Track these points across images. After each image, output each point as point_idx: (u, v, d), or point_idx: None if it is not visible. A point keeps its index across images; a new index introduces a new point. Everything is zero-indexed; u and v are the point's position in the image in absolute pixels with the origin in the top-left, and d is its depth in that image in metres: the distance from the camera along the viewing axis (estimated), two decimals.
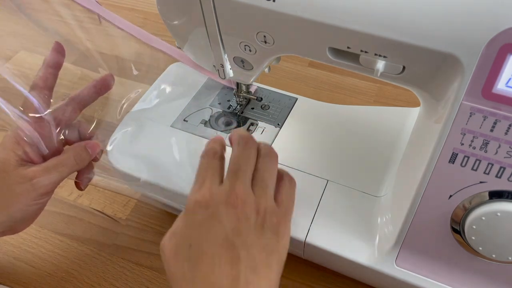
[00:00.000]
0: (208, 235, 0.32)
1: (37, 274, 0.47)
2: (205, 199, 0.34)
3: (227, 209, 0.33)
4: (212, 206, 0.33)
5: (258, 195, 0.34)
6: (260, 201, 0.34)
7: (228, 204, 0.33)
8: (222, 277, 0.31)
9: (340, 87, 0.65)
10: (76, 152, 0.41)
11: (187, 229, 0.33)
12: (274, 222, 0.34)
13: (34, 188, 0.37)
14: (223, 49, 0.38)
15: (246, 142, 0.37)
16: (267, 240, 0.33)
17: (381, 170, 0.43)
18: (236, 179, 0.34)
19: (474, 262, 0.34)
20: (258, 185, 0.35)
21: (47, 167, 0.38)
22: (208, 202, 0.33)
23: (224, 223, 0.32)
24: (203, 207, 0.33)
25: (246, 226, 0.33)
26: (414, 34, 0.26)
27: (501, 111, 0.26)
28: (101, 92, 0.45)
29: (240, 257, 0.31)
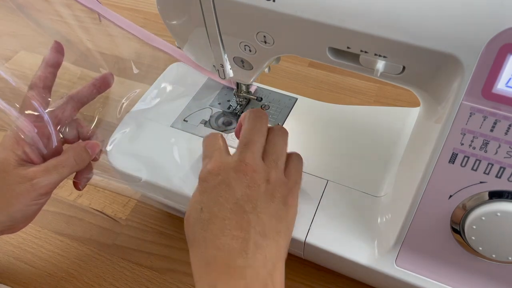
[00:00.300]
0: (219, 199, 0.33)
1: (37, 274, 0.47)
2: (216, 167, 0.35)
3: (238, 175, 0.34)
4: (223, 173, 0.34)
5: (269, 165, 0.36)
6: (271, 171, 0.35)
7: (238, 171, 0.34)
8: (232, 239, 0.31)
9: (340, 87, 0.65)
10: (76, 152, 0.41)
11: (199, 195, 0.35)
12: (283, 192, 0.35)
13: (34, 188, 0.37)
14: (223, 49, 0.38)
15: (258, 116, 0.39)
16: (277, 208, 0.34)
17: (381, 170, 0.43)
18: (247, 150, 0.36)
19: (474, 262, 0.34)
20: (269, 157, 0.36)
21: (47, 168, 0.38)
22: (219, 169, 0.35)
23: (235, 188, 0.33)
24: (214, 174, 0.35)
25: (256, 192, 0.34)
26: (414, 34, 0.26)
27: (501, 111, 0.26)
28: (101, 91, 0.45)
29: (250, 221, 0.32)
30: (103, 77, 0.45)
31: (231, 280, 0.30)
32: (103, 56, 0.47)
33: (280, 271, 0.33)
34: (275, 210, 0.34)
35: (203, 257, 0.32)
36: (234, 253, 0.31)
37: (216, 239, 0.32)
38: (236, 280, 0.30)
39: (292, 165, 0.38)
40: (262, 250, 0.32)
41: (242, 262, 0.31)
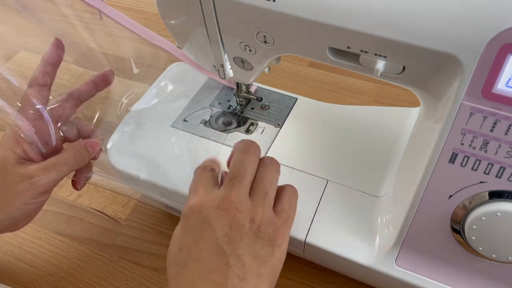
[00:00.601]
0: (199, 239, 0.32)
1: (37, 274, 0.47)
2: (199, 204, 0.33)
3: (219, 214, 0.32)
4: (205, 211, 0.33)
5: (255, 203, 0.34)
6: (257, 210, 0.33)
7: (221, 209, 0.32)
8: (208, 282, 0.30)
9: (340, 87, 0.65)
10: (76, 151, 0.41)
11: (180, 233, 0.33)
12: (270, 232, 0.33)
13: (33, 186, 0.37)
14: (223, 49, 0.38)
15: (248, 148, 0.37)
16: (261, 249, 0.32)
17: (381, 170, 0.43)
18: (232, 185, 0.34)
19: (474, 262, 0.34)
20: (257, 193, 0.34)
21: (46, 166, 0.38)
22: (201, 207, 0.33)
23: (216, 228, 0.32)
24: (196, 212, 0.33)
25: (239, 233, 0.32)
26: (414, 34, 0.26)
27: (501, 111, 0.26)
28: (101, 88, 0.45)
29: (229, 264, 0.31)
30: (103, 74, 0.45)
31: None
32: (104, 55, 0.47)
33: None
34: (258, 252, 0.32)
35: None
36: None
37: (193, 283, 0.30)
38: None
39: (285, 199, 0.36)
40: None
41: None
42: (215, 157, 0.39)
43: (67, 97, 0.43)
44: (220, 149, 0.46)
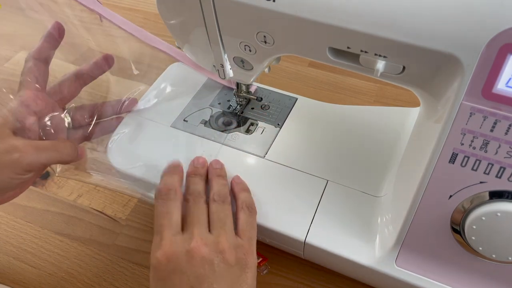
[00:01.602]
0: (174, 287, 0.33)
1: (37, 274, 0.47)
2: (166, 254, 0.34)
3: (188, 259, 0.34)
4: (174, 260, 0.34)
5: (217, 234, 0.36)
6: (221, 240, 0.35)
7: (188, 255, 0.34)
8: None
9: (340, 87, 0.65)
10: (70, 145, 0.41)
11: (154, 284, 0.34)
12: (240, 256, 0.35)
13: (20, 161, 0.36)
14: (223, 49, 0.38)
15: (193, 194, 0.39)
16: (235, 275, 0.34)
17: (381, 170, 0.43)
18: (193, 228, 0.36)
19: (474, 262, 0.34)
20: (216, 226, 0.36)
21: (38, 145, 0.38)
22: (169, 257, 0.34)
23: (188, 273, 0.33)
24: (164, 263, 0.34)
25: (211, 269, 0.33)
26: (414, 34, 0.26)
27: (501, 111, 0.26)
28: (102, 69, 0.46)
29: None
30: (105, 57, 0.45)
31: None
32: None
33: None
34: (233, 278, 0.34)
35: None
36: None
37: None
38: None
39: (243, 221, 0.38)
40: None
41: None
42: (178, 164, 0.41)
43: (69, 76, 0.43)
44: (220, 149, 0.46)
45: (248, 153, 0.45)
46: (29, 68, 0.40)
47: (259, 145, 0.46)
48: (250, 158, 0.45)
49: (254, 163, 0.45)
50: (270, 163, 0.44)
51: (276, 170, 0.44)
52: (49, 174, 0.56)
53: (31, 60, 0.41)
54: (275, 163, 0.44)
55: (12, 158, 0.36)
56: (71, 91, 0.43)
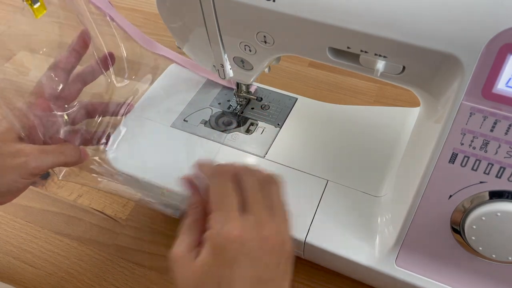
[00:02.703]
0: (240, 273, 0.31)
1: (37, 274, 0.47)
2: (236, 234, 0.32)
3: (261, 245, 0.32)
4: (247, 243, 0.32)
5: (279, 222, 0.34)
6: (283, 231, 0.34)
7: (260, 240, 0.32)
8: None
9: (340, 87, 0.65)
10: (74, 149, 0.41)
11: (216, 266, 0.31)
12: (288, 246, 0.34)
13: (26, 165, 0.37)
14: (223, 49, 0.38)
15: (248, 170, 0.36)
16: (285, 261, 0.33)
17: (381, 170, 0.43)
18: (260, 210, 0.33)
19: (474, 262, 0.34)
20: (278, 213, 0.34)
21: (44, 149, 0.38)
22: (241, 239, 0.32)
23: (256, 261, 0.31)
24: (235, 242, 0.31)
25: (274, 260, 0.32)
26: (414, 34, 0.26)
27: (501, 111, 0.26)
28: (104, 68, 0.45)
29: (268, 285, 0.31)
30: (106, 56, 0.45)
31: None
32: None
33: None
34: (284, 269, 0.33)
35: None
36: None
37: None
38: None
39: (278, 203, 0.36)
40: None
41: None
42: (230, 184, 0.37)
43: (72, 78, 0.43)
44: (220, 149, 0.46)
45: (248, 153, 0.45)
46: (50, 76, 0.41)
47: (259, 145, 0.46)
48: (250, 158, 0.45)
49: (254, 163, 0.45)
50: (270, 163, 0.44)
51: (276, 170, 0.44)
52: (49, 174, 0.56)
53: (54, 70, 0.41)
54: (275, 163, 0.44)
55: (19, 162, 0.37)
56: (73, 92, 0.43)
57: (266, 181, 0.36)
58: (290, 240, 0.34)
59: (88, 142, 0.46)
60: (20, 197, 0.41)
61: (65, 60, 0.41)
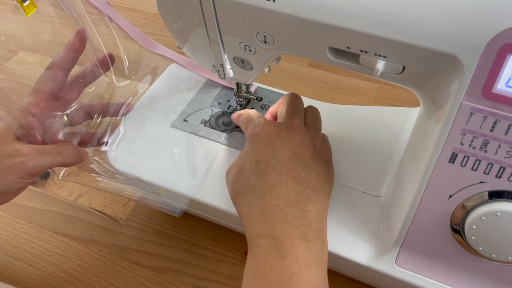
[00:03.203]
0: (275, 152, 0.36)
1: (37, 274, 0.47)
2: (269, 125, 0.38)
3: (290, 133, 0.37)
4: (277, 130, 0.37)
5: (312, 133, 0.39)
6: (314, 138, 0.38)
7: (291, 131, 0.37)
8: (288, 190, 0.34)
9: (340, 87, 0.65)
10: (72, 147, 0.41)
11: (253, 149, 0.37)
12: (326, 156, 0.39)
13: (24, 166, 0.37)
14: (223, 49, 0.38)
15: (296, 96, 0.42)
16: (322, 169, 0.37)
17: (381, 170, 0.43)
18: (294, 117, 0.39)
19: (474, 262, 0.34)
20: (312, 127, 0.40)
21: (42, 149, 0.38)
22: (273, 127, 0.38)
23: (289, 145, 0.36)
24: (269, 130, 0.37)
25: (307, 152, 0.36)
26: (414, 34, 0.26)
27: (501, 111, 0.26)
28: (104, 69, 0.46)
29: (303, 176, 0.35)
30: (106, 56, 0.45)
31: (288, 228, 0.32)
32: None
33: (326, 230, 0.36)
34: (320, 171, 0.36)
35: (260, 205, 0.34)
36: (290, 203, 0.33)
37: (273, 189, 0.34)
38: (292, 228, 0.32)
39: (325, 141, 0.42)
40: (313, 203, 0.34)
41: (298, 213, 0.33)
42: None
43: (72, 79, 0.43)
44: (220, 149, 0.46)
45: None
46: (48, 76, 0.41)
47: None
48: None
49: None
50: None
51: None
52: (49, 174, 0.56)
53: (52, 69, 0.41)
54: None
55: (16, 162, 0.37)
56: (73, 93, 0.44)
57: None
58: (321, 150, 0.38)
59: (88, 142, 0.46)
60: (20, 197, 0.41)
61: (62, 59, 0.41)
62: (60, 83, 0.41)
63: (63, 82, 0.42)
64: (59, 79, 0.41)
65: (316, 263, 0.32)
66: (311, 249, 0.32)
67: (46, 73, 0.41)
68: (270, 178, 0.34)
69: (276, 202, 0.33)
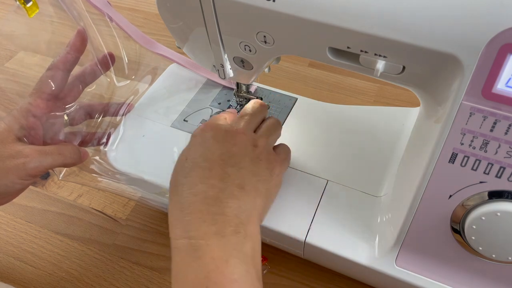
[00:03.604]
0: (205, 151, 0.35)
1: (37, 274, 0.47)
2: (209, 125, 0.37)
3: (227, 134, 0.36)
4: (214, 130, 0.37)
5: (259, 135, 0.38)
6: (259, 139, 0.38)
7: (228, 131, 0.37)
8: (209, 187, 0.33)
9: (340, 87, 0.65)
10: (73, 148, 0.41)
11: (187, 149, 0.37)
12: (270, 159, 0.37)
13: (25, 166, 0.37)
14: (223, 49, 0.38)
15: (260, 104, 0.42)
16: (260, 170, 0.36)
17: (381, 170, 0.43)
18: (241, 120, 0.39)
19: (474, 262, 0.34)
20: (261, 131, 0.39)
21: (43, 150, 0.38)
22: (212, 128, 0.37)
23: (222, 144, 0.35)
24: (206, 131, 0.37)
25: (242, 151, 0.35)
26: (414, 34, 0.26)
27: (501, 111, 0.26)
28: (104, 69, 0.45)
29: (230, 174, 0.34)
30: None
31: (203, 225, 0.31)
32: None
33: (254, 226, 0.33)
34: (257, 170, 0.35)
35: (179, 203, 0.33)
36: (209, 200, 0.32)
37: (193, 186, 0.33)
38: (208, 226, 0.31)
39: (281, 148, 0.41)
40: (237, 200, 0.33)
41: (215, 209, 0.32)
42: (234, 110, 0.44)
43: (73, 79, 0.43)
44: None
45: None
46: (49, 77, 0.40)
47: None
48: None
49: None
50: None
51: None
52: (49, 174, 0.56)
53: (53, 70, 0.41)
54: None
55: (17, 163, 0.37)
56: (73, 93, 0.43)
57: None
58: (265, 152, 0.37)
59: (88, 142, 0.46)
60: (20, 197, 0.41)
61: (63, 60, 0.41)
62: (61, 84, 0.41)
63: (64, 82, 0.42)
64: (60, 80, 0.41)
65: (235, 258, 0.30)
66: (228, 244, 0.30)
67: (47, 73, 0.41)
68: (193, 175, 0.33)
69: (193, 199, 0.32)
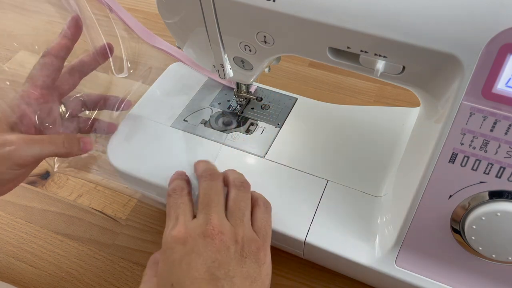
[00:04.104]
0: (189, 270, 0.32)
1: (37, 274, 0.47)
2: (182, 234, 0.33)
3: (205, 241, 0.33)
4: (190, 241, 0.33)
5: (235, 224, 0.35)
6: (238, 231, 0.34)
7: (206, 236, 0.33)
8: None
9: (340, 87, 0.65)
10: (68, 138, 0.40)
11: (167, 268, 0.33)
12: (253, 250, 0.34)
13: (11, 156, 0.36)
14: (223, 49, 0.38)
15: (211, 174, 0.38)
16: (249, 268, 0.33)
17: (381, 170, 0.43)
18: (210, 211, 0.35)
19: (474, 262, 0.34)
20: (234, 215, 0.35)
21: (31, 139, 0.37)
22: (185, 237, 0.33)
23: (204, 256, 0.32)
24: (181, 243, 0.33)
25: (227, 256, 0.33)
26: (414, 34, 0.26)
27: (501, 111, 0.26)
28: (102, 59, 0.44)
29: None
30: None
31: None
32: None
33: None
34: (247, 271, 0.33)
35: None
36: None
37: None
38: None
39: (259, 216, 0.37)
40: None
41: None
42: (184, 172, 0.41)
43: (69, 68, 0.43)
44: (220, 149, 0.46)
45: (248, 153, 0.45)
46: (43, 64, 0.39)
47: (259, 145, 0.46)
48: (250, 158, 0.45)
49: (254, 163, 0.45)
50: (270, 163, 0.45)
51: (276, 170, 0.44)
52: (49, 174, 0.56)
53: (47, 56, 0.40)
54: (275, 163, 0.44)
55: (3, 152, 0.36)
56: (70, 83, 0.43)
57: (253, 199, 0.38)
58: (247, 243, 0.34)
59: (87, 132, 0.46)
60: (20, 197, 0.41)
61: (57, 47, 0.40)
62: (55, 71, 0.40)
63: (59, 70, 0.41)
64: (54, 67, 0.40)
65: None
66: None
67: (41, 60, 0.40)
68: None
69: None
